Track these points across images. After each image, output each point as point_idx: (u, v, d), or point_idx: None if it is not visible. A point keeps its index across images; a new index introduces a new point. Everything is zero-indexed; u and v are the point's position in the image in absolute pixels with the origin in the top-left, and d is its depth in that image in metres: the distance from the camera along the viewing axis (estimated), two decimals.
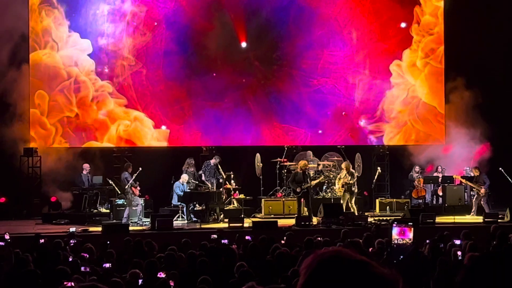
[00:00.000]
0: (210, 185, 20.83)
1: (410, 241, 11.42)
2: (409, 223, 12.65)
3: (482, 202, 20.76)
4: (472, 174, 21.41)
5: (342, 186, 19.96)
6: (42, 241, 13.42)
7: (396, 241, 11.41)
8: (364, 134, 23.62)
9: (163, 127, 22.43)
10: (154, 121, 22.32)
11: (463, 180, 21.37)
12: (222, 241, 12.28)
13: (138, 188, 19.79)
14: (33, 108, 21.49)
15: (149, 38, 22.29)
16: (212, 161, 21.19)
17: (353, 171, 20.49)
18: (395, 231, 11.65)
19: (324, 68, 23.26)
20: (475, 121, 22.15)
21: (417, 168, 22.35)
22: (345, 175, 20.09)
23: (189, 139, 22.73)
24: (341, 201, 19.94)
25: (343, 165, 20.61)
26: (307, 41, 23.20)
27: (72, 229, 15.87)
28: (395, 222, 13.34)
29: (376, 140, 23.57)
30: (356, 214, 19.40)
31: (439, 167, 22.29)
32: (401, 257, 10.69)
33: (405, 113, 23.56)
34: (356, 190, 20.20)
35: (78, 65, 21.87)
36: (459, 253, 11.02)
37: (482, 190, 20.75)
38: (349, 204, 19.80)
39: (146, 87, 22.31)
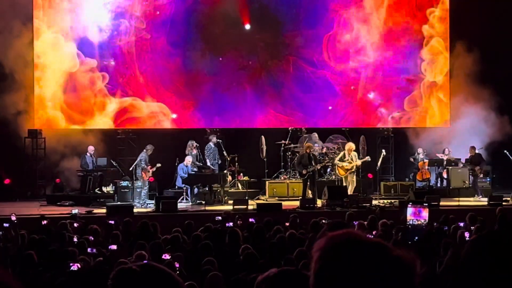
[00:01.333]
0: (216, 167, 20.84)
1: (425, 222, 11.36)
2: (425, 203, 12.58)
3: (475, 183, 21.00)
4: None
5: (354, 169, 20.02)
6: (44, 222, 13.41)
7: (411, 222, 11.36)
8: (374, 106, 23.67)
9: (174, 115, 22.50)
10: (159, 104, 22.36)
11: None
12: (227, 224, 12.26)
13: (150, 172, 19.94)
14: (37, 87, 21.54)
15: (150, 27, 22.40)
16: (212, 143, 21.16)
17: (355, 153, 20.49)
18: (409, 211, 11.59)
19: (332, 47, 23.22)
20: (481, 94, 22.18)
21: (420, 150, 22.33)
22: (349, 156, 20.10)
23: (192, 122, 22.74)
24: (347, 184, 19.96)
25: (346, 146, 20.59)
26: (313, 21, 23.15)
27: (75, 210, 15.86)
28: (410, 203, 13.20)
29: (386, 112, 23.59)
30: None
31: (446, 149, 22.23)
32: (416, 238, 10.64)
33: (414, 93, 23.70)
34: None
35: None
36: (466, 234, 10.98)
37: (477, 169, 20.85)
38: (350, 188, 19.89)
39: (151, 73, 22.38)
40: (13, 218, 14.09)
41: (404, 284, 1.85)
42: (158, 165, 20.16)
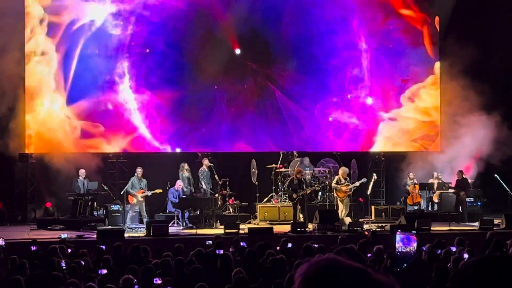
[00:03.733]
0: (208, 191, 20.85)
1: (413, 249, 11.46)
2: (413, 231, 12.68)
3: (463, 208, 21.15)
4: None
5: (346, 194, 20.06)
6: (34, 248, 13.35)
7: (399, 249, 11.44)
8: (373, 110, 23.67)
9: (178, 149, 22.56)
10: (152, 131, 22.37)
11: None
12: (217, 251, 12.24)
13: (139, 196, 20.12)
14: (28, 113, 21.48)
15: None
16: (204, 166, 21.20)
17: (348, 178, 20.56)
18: (398, 238, 11.69)
19: (320, 62, 23.34)
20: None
21: (411, 175, 22.42)
22: (344, 180, 20.15)
23: (183, 145, 22.71)
24: (339, 208, 19.98)
25: (340, 172, 20.65)
26: (306, 35, 23.25)
27: (64, 235, 15.83)
28: (399, 230, 13.31)
29: (387, 115, 23.61)
30: (350, 221, 19.40)
31: (435, 173, 22.30)
32: (405, 265, 10.74)
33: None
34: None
35: None
36: (465, 255, 11.07)
37: (462, 193, 21.06)
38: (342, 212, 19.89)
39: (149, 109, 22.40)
40: (2, 242, 14.03)
41: None
42: (158, 190, 20.32)
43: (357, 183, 20.59)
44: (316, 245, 12.76)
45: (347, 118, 23.45)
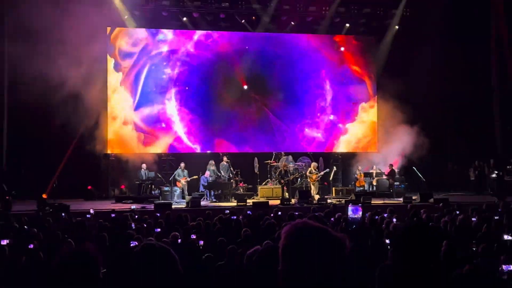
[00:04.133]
0: (226, 178, 20.80)
1: (359, 216, 11.42)
2: (359, 204, 12.63)
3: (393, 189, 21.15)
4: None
5: (316, 179, 20.17)
6: (113, 215, 13.48)
7: (350, 216, 11.42)
8: (333, 124, 23.62)
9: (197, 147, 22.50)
10: (188, 137, 22.38)
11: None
12: (232, 217, 12.26)
13: (182, 182, 20.19)
14: (109, 125, 21.56)
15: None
16: (224, 161, 21.16)
17: (317, 169, 20.66)
18: (350, 209, 11.66)
19: (299, 96, 23.35)
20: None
21: (359, 167, 22.40)
22: (315, 171, 20.25)
23: (210, 148, 22.65)
24: (311, 189, 20.02)
25: (311, 165, 20.75)
26: (291, 78, 23.23)
27: (133, 206, 15.94)
28: (350, 203, 13.22)
29: (342, 127, 23.63)
30: (318, 197, 19.40)
31: (374, 166, 22.29)
32: (354, 226, 10.72)
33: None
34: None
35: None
36: (394, 220, 11.07)
37: (391, 180, 21.16)
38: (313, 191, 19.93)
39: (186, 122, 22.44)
40: (92, 211, 14.19)
41: (338, 253, 1.89)
42: (195, 176, 20.44)
43: (322, 173, 20.74)
44: (296, 213, 12.70)
45: (316, 132, 23.47)
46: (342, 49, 23.69)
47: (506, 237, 8.40)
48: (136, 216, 13.32)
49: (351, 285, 1.91)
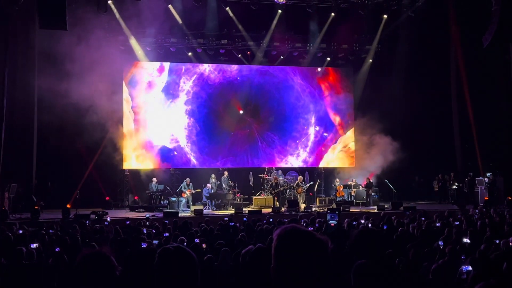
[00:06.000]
0: (227, 189, 20.78)
1: (337, 222, 11.43)
2: (336, 211, 12.66)
3: (369, 198, 21.13)
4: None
5: (302, 191, 20.12)
6: (127, 222, 13.41)
7: (329, 221, 11.42)
8: (318, 143, 23.61)
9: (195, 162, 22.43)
10: (194, 155, 22.34)
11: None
12: (230, 223, 12.25)
13: (188, 193, 20.09)
14: (125, 146, 21.53)
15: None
16: (224, 175, 21.18)
17: (303, 182, 20.63)
18: (329, 216, 11.66)
19: (289, 119, 23.39)
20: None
21: (338, 180, 22.38)
22: (301, 183, 20.23)
23: (212, 164, 22.64)
24: (298, 199, 19.98)
25: (298, 178, 20.75)
26: (280, 104, 23.33)
27: (147, 215, 15.88)
28: (329, 211, 13.31)
29: (325, 147, 23.68)
30: (304, 206, 19.39)
31: (353, 179, 22.31)
32: (332, 230, 10.72)
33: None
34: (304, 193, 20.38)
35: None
36: (369, 225, 11.05)
37: (370, 191, 21.12)
38: (300, 201, 19.88)
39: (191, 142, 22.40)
40: (108, 219, 14.10)
41: (322, 253, 1.90)
42: (198, 190, 20.39)
43: (308, 185, 20.72)
44: (285, 220, 12.78)
45: (302, 151, 23.52)
46: (322, 78, 23.93)
47: (465, 240, 8.39)
48: (148, 223, 13.24)
49: (332, 279, 1.92)
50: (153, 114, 22.02)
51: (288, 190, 21.07)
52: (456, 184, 22.12)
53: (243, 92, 22.89)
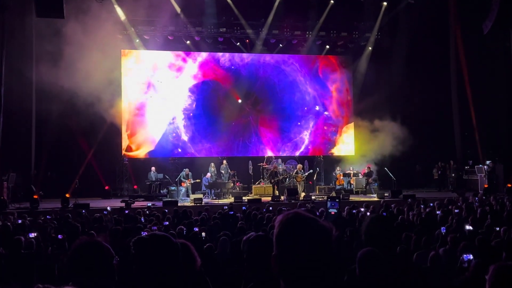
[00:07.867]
0: (226, 177, 20.75)
1: (337, 209, 11.43)
2: (337, 199, 12.65)
3: (369, 187, 21.04)
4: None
5: (302, 179, 20.00)
6: (127, 211, 13.36)
7: (329, 209, 11.41)
8: (317, 131, 23.53)
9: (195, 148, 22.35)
10: (193, 146, 22.27)
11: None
12: (230, 212, 12.22)
13: (187, 183, 20.00)
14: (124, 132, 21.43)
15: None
16: (223, 164, 21.16)
17: (303, 170, 20.55)
18: (329, 203, 11.64)
19: (289, 108, 23.29)
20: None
21: (338, 168, 22.31)
22: (300, 172, 20.15)
23: (212, 153, 22.59)
24: (298, 187, 19.92)
25: (298, 167, 20.66)
26: (279, 92, 23.20)
27: (148, 203, 15.83)
28: (329, 199, 13.32)
29: (326, 133, 23.62)
30: (304, 194, 19.35)
31: (351, 167, 22.26)
32: (333, 218, 10.72)
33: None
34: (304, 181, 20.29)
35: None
36: (368, 213, 11.06)
37: (370, 180, 20.99)
38: (300, 190, 19.85)
39: (191, 130, 22.31)
40: (109, 208, 14.05)
41: (326, 240, 1.82)
42: (198, 180, 20.31)
43: (307, 173, 20.53)
44: (285, 208, 12.73)
45: (301, 139, 23.48)
46: (322, 66, 23.78)
47: (467, 227, 8.34)
48: (148, 212, 13.20)
49: (336, 266, 1.85)
50: (152, 103, 21.90)
51: (287, 179, 21.04)
52: (456, 172, 22.08)
53: (242, 81, 22.76)
